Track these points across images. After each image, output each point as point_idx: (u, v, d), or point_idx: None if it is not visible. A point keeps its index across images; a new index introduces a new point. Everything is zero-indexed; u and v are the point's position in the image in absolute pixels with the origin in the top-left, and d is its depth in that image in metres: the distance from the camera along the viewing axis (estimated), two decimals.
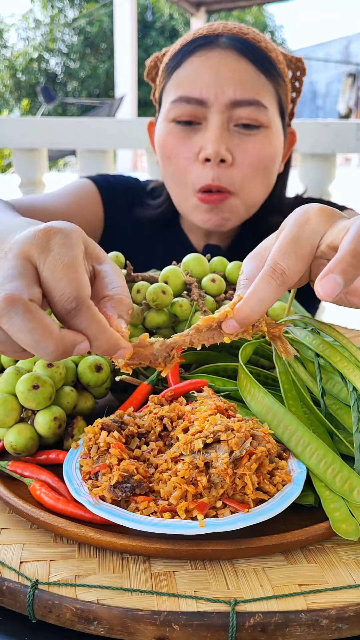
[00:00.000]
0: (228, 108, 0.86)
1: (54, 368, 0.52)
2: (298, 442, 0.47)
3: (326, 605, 0.37)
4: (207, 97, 0.86)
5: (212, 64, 0.87)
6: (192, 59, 0.88)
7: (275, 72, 0.90)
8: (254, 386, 0.51)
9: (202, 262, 0.66)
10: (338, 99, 14.74)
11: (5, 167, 9.74)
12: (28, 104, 17.70)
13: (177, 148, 0.89)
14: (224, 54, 0.87)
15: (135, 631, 0.36)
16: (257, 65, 0.87)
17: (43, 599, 0.38)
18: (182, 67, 0.89)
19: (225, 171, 0.87)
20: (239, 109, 0.86)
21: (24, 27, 20.01)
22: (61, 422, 0.51)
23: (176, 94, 0.88)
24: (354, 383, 0.48)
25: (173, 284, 0.64)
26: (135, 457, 0.47)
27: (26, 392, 0.50)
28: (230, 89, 0.85)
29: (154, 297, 0.60)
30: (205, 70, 0.87)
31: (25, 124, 1.82)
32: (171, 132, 0.90)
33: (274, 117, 0.90)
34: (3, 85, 18.85)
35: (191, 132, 0.89)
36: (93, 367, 0.55)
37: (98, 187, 1.06)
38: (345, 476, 0.44)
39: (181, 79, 0.89)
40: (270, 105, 0.88)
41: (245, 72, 0.86)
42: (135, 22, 10.27)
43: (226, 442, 0.42)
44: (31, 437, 0.50)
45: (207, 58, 0.87)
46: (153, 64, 1.00)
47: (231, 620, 0.36)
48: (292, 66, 0.97)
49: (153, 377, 0.56)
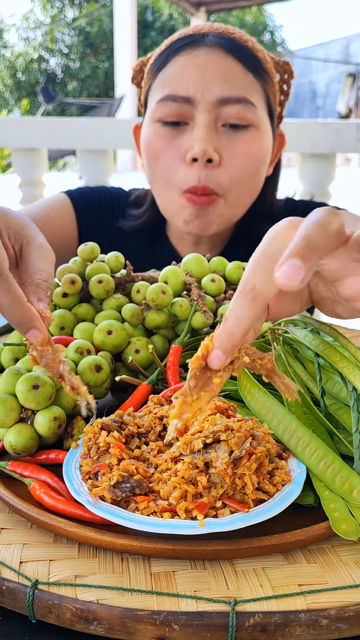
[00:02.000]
0: (215, 106, 0.84)
1: None
2: (298, 442, 0.47)
3: (326, 605, 0.37)
4: (194, 95, 0.84)
5: (198, 62, 0.85)
6: (177, 58, 0.87)
7: (263, 71, 0.88)
8: (254, 386, 0.51)
9: (201, 262, 0.66)
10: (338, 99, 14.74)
11: (5, 167, 9.74)
12: (28, 104, 17.71)
13: (164, 149, 0.87)
14: (210, 52, 0.85)
15: (135, 631, 0.36)
16: (244, 63, 0.86)
17: (43, 599, 0.38)
18: (167, 66, 0.88)
19: (213, 172, 0.85)
20: (226, 107, 0.84)
21: (24, 27, 20.02)
22: (61, 422, 0.51)
23: (162, 92, 0.87)
24: (353, 383, 0.48)
25: (173, 284, 0.63)
26: (135, 457, 0.47)
27: (26, 392, 0.50)
28: (217, 87, 0.84)
29: (153, 297, 0.60)
30: (192, 68, 0.85)
31: (25, 124, 1.82)
32: (157, 133, 0.88)
33: (262, 116, 0.88)
34: (3, 85, 18.86)
35: (177, 132, 0.87)
36: (93, 367, 0.55)
37: (72, 200, 1.04)
38: (345, 476, 0.44)
39: (167, 78, 0.87)
40: (258, 104, 0.87)
41: (232, 69, 0.85)
42: (135, 22, 10.28)
43: (226, 442, 0.42)
44: (31, 437, 0.50)
45: (193, 56, 0.86)
46: (139, 68, 0.98)
47: (231, 620, 0.36)
48: (280, 69, 0.96)
49: (153, 377, 0.56)
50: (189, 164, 0.85)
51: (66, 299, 0.63)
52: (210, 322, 0.61)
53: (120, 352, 0.61)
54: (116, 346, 0.59)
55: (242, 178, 0.87)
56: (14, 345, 0.60)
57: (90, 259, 0.66)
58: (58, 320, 0.61)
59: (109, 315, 0.62)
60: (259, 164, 0.89)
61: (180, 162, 0.86)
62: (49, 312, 0.45)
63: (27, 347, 0.46)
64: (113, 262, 0.66)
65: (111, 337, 0.58)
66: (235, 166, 0.86)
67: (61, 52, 19.52)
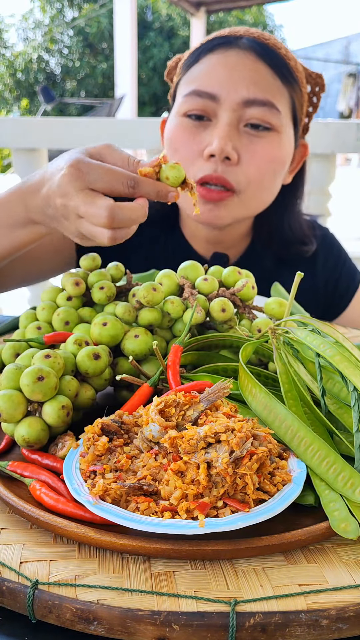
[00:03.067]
0: (240, 106, 0.86)
1: (52, 358, 0.53)
2: (300, 442, 0.47)
3: (326, 605, 0.37)
4: (219, 93, 0.86)
5: (228, 62, 0.87)
6: (209, 56, 0.89)
7: (292, 79, 0.89)
8: (255, 386, 0.51)
9: (197, 268, 0.67)
10: (338, 99, 14.74)
11: (5, 167, 9.74)
12: (27, 104, 17.71)
13: (185, 141, 0.89)
14: (242, 54, 0.87)
15: (135, 631, 0.36)
16: (274, 69, 0.87)
17: (43, 599, 0.37)
18: (198, 63, 0.90)
19: (229, 168, 0.86)
20: (251, 109, 0.86)
21: (23, 27, 20.02)
22: (68, 410, 0.52)
23: (189, 87, 0.89)
24: (354, 383, 0.48)
25: (167, 285, 0.65)
26: (135, 457, 0.47)
27: (32, 384, 0.50)
28: (244, 88, 0.85)
29: (145, 294, 0.61)
30: (221, 67, 0.87)
31: (25, 124, 1.82)
32: (181, 125, 0.89)
33: (286, 122, 0.89)
34: (3, 85, 18.86)
35: (200, 127, 0.88)
36: (91, 355, 0.56)
37: None
38: (347, 476, 0.44)
39: (196, 74, 0.89)
40: (283, 110, 0.88)
41: (261, 73, 0.87)
42: (135, 22, 10.27)
43: (227, 442, 0.42)
44: (42, 429, 0.51)
45: (224, 56, 0.88)
46: (174, 64, 1.00)
47: (231, 620, 0.36)
48: (312, 81, 0.97)
49: (155, 377, 0.56)
50: (206, 159, 0.87)
51: (70, 302, 0.65)
52: (202, 319, 0.62)
53: (119, 346, 0.61)
54: (112, 336, 0.59)
55: (258, 179, 0.88)
56: (15, 341, 0.60)
57: (92, 269, 0.67)
58: (63, 315, 0.63)
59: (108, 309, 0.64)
60: (277, 168, 0.90)
61: (198, 156, 0.88)
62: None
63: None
64: (114, 271, 0.68)
65: (106, 328, 0.59)
66: (252, 166, 0.87)
67: (60, 52, 19.53)
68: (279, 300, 0.66)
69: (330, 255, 1.06)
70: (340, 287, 1.06)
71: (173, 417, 0.47)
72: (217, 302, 0.62)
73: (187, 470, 0.42)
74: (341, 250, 1.09)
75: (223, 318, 0.62)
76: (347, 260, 1.08)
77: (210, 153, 0.85)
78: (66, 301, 0.65)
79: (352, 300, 1.07)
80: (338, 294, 1.06)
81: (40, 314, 0.65)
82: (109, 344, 0.60)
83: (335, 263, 1.06)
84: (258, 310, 0.67)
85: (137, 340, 0.60)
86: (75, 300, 0.65)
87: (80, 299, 0.66)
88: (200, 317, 0.61)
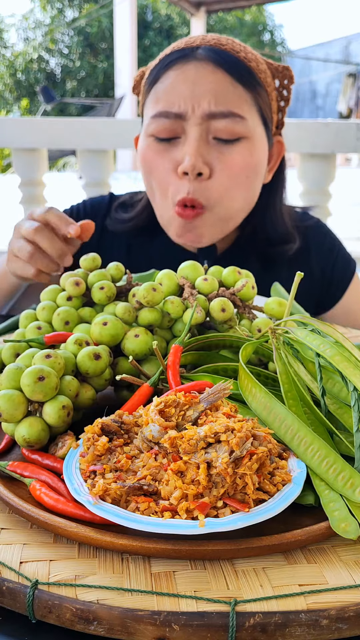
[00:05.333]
0: (205, 120, 0.86)
1: (53, 358, 0.53)
2: (300, 442, 0.47)
3: (326, 605, 0.37)
4: (185, 111, 0.86)
5: (187, 77, 0.87)
6: (169, 73, 0.89)
7: (254, 81, 0.89)
8: (255, 386, 0.51)
9: (197, 268, 0.66)
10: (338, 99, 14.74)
11: (5, 167, 9.74)
12: (28, 104, 17.71)
13: (157, 162, 0.90)
14: (200, 66, 0.87)
15: (135, 631, 0.36)
16: (234, 76, 0.87)
17: (43, 599, 0.37)
18: (160, 81, 0.90)
19: (202, 184, 0.87)
20: (215, 122, 0.86)
21: (24, 27, 20.02)
22: (69, 410, 0.52)
23: (155, 109, 0.89)
24: (354, 383, 0.48)
25: (167, 285, 0.64)
26: (134, 457, 0.47)
27: (32, 384, 0.50)
28: (206, 102, 0.86)
29: (144, 295, 0.61)
30: (182, 83, 0.87)
31: (25, 124, 1.82)
32: (150, 147, 0.91)
33: (254, 127, 0.89)
34: (3, 85, 18.86)
35: (170, 146, 0.89)
36: (92, 355, 0.56)
37: None
38: (347, 476, 0.44)
39: (159, 93, 0.89)
40: (249, 115, 0.88)
41: (222, 83, 0.87)
42: (135, 22, 10.27)
43: (226, 443, 0.42)
44: (42, 429, 0.51)
45: (182, 71, 0.88)
46: (139, 78, 1.00)
47: (231, 620, 0.36)
48: (279, 75, 0.96)
49: (154, 377, 0.56)
50: (180, 177, 0.88)
51: (70, 302, 0.65)
52: (202, 319, 0.62)
53: (119, 346, 0.61)
54: (113, 336, 0.60)
55: (232, 189, 0.89)
56: (15, 342, 0.60)
57: (92, 269, 0.67)
58: (63, 315, 0.63)
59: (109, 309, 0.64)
60: (250, 174, 0.90)
61: (173, 174, 0.89)
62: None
63: None
64: (114, 271, 0.67)
65: (107, 327, 0.59)
66: (226, 177, 0.88)
67: (61, 52, 19.53)
68: (279, 300, 0.66)
69: (324, 244, 1.07)
70: (336, 275, 1.07)
71: (173, 417, 0.47)
72: (217, 302, 0.62)
73: (187, 470, 0.42)
74: (335, 239, 1.09)
75: (223, 318, 0.62)
76: (341, 248, 1.09)
77: (183, 171, 0.86)
78: (66, 301, 0.65)
79: (347, 289, 1.07)
80: (334, 282, 1.07)
81: (40, 314, 0.65)
82: (109, 343, 0.60)
83: (329, 250, 1.07)
84: (258, 310, 0.67)
85: (138, 340, 0.60)
86: (75, 300, 0.65)
87: (80, 299, 0.66)
88: (200, 317, 0.61)
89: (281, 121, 1.00)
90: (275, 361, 0.55)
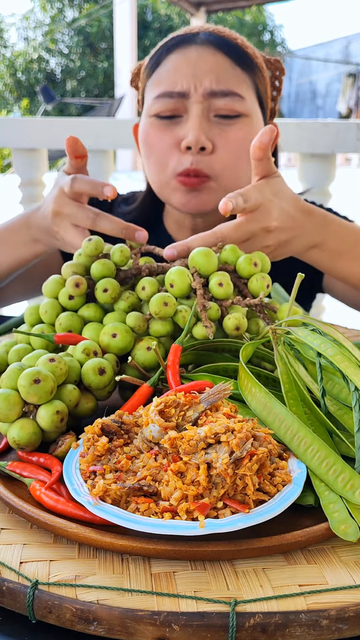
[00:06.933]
0: (206, 98, 0.89)
1: (55, 363, 0.52)
2: (300, 442, 0.47)
3: (326, 605, 0.37)
4: (187, 89, 0.89)
5: (189, 58, 0.91)
6: (170, 57, 0.92)
7: (252, 64, 0.93)
8: (255, 386, 0.51)
9: (210, 257, 0.63)
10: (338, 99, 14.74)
11: (5, 167, 9.74)
12: (28, 104, 17.70)
13: (159, 138, 0.92)
14: (201, 49, 0.91)
15: (135, 631, 0.36)
16: (233, 58, 0.91)
17: (43, 599, 0.37)
18: (161, 65, 0.93)
19: (205, 158, 0.90)
20: (216, 100, 0.89)
21: (24, 27, 20.02)
22: (63, 416, 0.51)
23: (158, 89, 0.92)
24: (355, 383, 0.48)
25: (179, 287, 0.61)
26: (134, 457, 0.47)
27: (27, 386, 0.50)
28: (207, 81, 0.89)
29: (156, 310, 0.59)
30: (184, 64, 0.90)
31: (25, 124, 1.82)
32: (153, 125, 0.93)
33: (253, 107, 0.93)
34: (3, 85, 18.86)
35: (172, 124, 0.92)
36: (97, 369, 0.55)
37: None
38: (347, 477, 0.44)
39: (161, 75, 0.92)
40: (247, 96, 0.91)
41: (222, 64, 0.90)
42: (135, 22, 10.27)
43: (227, 443, 0.42)
44: (34, 432, 0.51)
45: (184, 53, 0.91)
46: (136, 71, 1.03)
47: (231, 620, 0.36)
48: (271, 67, 1.00)
49: (154, 378, 0.56)
50: (183, 152, 0.90)
51: (72, 301, 0.63)
52: (211, 336, 0.59)
53: (128, 353, 0.61)
54: (121, 349, 0.59)
55: (234, 164, 0.92)
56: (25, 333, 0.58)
57: (94, 255, 0.65)
58: (65, 324, 0.61)
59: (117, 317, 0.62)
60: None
61: (174, 149, 0.91)
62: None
63: None
64: (118, 256, 0.64)
65: (116, 340, 0.59)
66: (228, 152, 0.91)
67: (61, 52, 19.52)
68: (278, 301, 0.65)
69: None
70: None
71: (173, 418, 0.46)
72: (231, 320, 0.60)
73: (187, 471, 0.42)
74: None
75: (235, 334, 0.61)
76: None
77: (187, 145, 0.88)
78: (68, 300, 0.63)
79: None
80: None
81: (43, 316, 0.64)
82: (117, 354, 0.59)
83: None
84: (270, 309, 0.65)
85: (149, 353, 0.59)
86: (78, 298, 0.63)
87: (82, 297, 0.64)
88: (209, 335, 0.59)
89: (274, 109, 1.03)
90: (276, 361, 0.55)
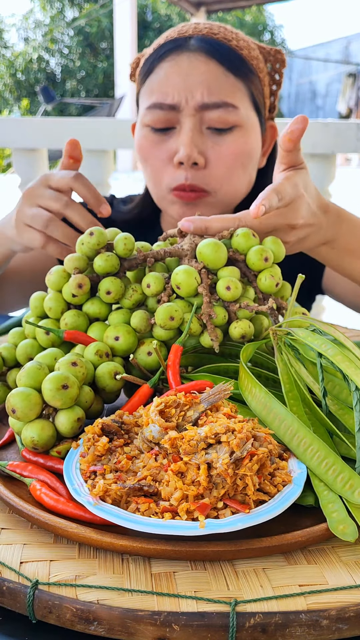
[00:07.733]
0: (198, 111, 0.88)
1: (78, 367, 0.52)
2: (299, 443, 0.47)
3: (326, 605, 0.37)
4: (179, 102, 0.88)
5: (181, 69, 0.89)
6: (162, 65, 0.90)
7: (246, 69, 0.91)
8: (255, 386, 0.51)
9: (219, 251, 0.61)
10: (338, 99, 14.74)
11: (5, 167, 9.73)
12: (28, 104, 17.70)
13: (152, 151, 0.91)
14: (193, 57, 0.89)
15: (135, 631, 0.36)
16: (226, 65, 0.89)
17: (43, 599, 0.37)
18: (154, 72, 0.91)
19: (199, 173, 0.89)
20: (208, 112, 0.88)
21: (24, 27, 20.01)
22: (82, 422, 0.52)
23: (149, 100, 0.91)
24: (356, 382, 0.48)
25: (185, 290, 0.60)
26: (135, 457, 0.47)
27: (54, 390, 0.49)
28: (199, 93, 0.87)
29: (162, 324, 0.59)
30: (175, 75, 0.89)
31: (25, 124, 1.82)
32: (146, 137, 0.92)
33: (247, 115, 0.91)
34: (3, 85, 18.86)
35: (165, 136, 0.91)
36: (113, 373, 0.56)
37: None
38: (346, 477, 0.44)
39: (153, 85, 0.91)
40: (241, 104, 0.89)
41: (214, 74, 0.88)
42: (135, 22, 10.27)
43: (227, 443, 0.42)
44: (52, 435, 0.51)
45: (176, 62, 0.89)
46: (135, 64, 1.01)
47: (231, 620, 0.36)
48: (271, 58, 0.97)
49: (155, 378, 0.56)
50: (176, 167, 0.89)
51: (76, 298, 0.62)
52: (217, 347, 0.59)
53: (134, 352, 0.61)
54: (125, 350, 0.59)
55: (228, 177, 0.91)
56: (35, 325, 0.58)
57: (96, 248, 0.63)
58: (72, 324, 0.61)
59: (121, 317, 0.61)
60: (245, 162, 0.92)
61: (168, 164, 0.90)
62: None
63: None
64: (121, 249, 0.62)
65: (119, 343, 0.59)
66: (222, 166, 0.89)
67: (61, 52, 19.52)
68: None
69: None
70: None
71: (173, 418, 0.47)
72: (237, 330, 0.59)
73: (188, 471, 0.42)
74: None
75: (240, 341, 0.61)
76: None
77: (178, 161, 0.87)
78: (72, 297, 0.62)
79: None
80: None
81: (48, 312, 0.63)
82: (121, 355, 0.60)
83: None
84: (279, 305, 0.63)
85: (151, 357, 0.59)
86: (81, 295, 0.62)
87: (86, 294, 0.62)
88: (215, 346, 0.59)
89: (273, 104, 1.01)
90: (277, 361, 0.55)
